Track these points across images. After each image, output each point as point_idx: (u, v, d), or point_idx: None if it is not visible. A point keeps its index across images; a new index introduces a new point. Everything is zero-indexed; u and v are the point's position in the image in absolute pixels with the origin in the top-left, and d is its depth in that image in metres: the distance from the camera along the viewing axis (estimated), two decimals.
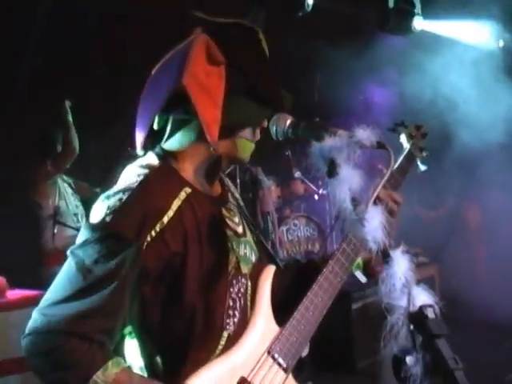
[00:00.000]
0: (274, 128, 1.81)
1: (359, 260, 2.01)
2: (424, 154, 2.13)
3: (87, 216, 1.66)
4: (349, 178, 1.56)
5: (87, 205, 5.76)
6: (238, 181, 6.61)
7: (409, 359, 1.39)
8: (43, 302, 1.58)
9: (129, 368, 1.58)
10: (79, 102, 5.83)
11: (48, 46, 6.12)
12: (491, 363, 5.67)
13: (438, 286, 7.02)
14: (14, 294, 4.48)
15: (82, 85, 6.42)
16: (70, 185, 5.87)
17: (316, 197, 7.67)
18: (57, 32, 5.97)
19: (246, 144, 1.79)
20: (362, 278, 2.62)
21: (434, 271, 7.21)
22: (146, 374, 1.64)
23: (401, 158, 2.07)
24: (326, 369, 5.60)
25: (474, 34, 7.39)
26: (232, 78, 1.70)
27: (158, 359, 1.65)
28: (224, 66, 1.69)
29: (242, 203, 1.99)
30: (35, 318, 1.56)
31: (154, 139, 1.79)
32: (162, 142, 1.80)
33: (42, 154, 5.66)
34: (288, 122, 1.77)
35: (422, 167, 2.14)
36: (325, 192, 7.59)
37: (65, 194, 5.73)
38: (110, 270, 1.55)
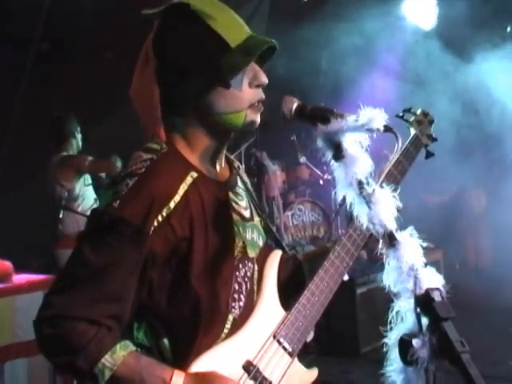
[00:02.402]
0: (280, 112, 1.79)
1: None
2: (431, 140, 2.13)
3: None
4: (355, 162, 1.55)
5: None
6: (243, 166, 6.61)
7: (415, 342, 1.39)
8: (52, 288, 1.59)
9: (136, 351, 1.59)
10: (83, 88, 5.84)
11: (53, 32, 6.11)
12: (495, 347, 5.69)
13: (443, 271, 7.03)
14: (19, 278, 4.50)
15: (87, 70, 6.42)
16: None
17: (321, 182, 7.68)
18: (61, 18, 5.97)
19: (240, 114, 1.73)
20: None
21: (439, 256, 7.21)
22: (153, 356, 1.64)
23: (408, 145, 2.07)
24: (331, 353, 5.63)
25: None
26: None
27: (166, 342, 1.66)
28: (154, 60, 1.69)
29: (250, 187, 1.98)
30: (44, 303, 1.57)
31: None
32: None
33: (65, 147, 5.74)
34: (294, 105, 1.76)
35: (429, 154, 2.14)
36: (330, 177, 7.59)
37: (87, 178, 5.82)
38: (116, 255, 1.56)
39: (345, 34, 7.09)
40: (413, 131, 2.11)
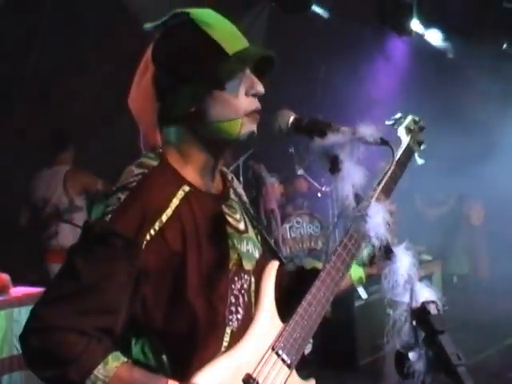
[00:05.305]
0: (277, 125, 1.80)
1: (362, 274, 2.02)
2: (422, 147, 2.13)
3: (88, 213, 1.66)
4: (351, 175, 1.56)
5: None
6: (241, 178, 6.62)
7: (412, 355, 1.39)
8: (40, 300, 1.57)
9: (127, 362, 1.56)
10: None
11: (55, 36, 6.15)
12: (492, 359, 5.68)
13: (440, 283, 7.02)
14: (17, 290, 4.49)
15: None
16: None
17: (319, 194, 7.67)
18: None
19: (233, 124, 1.72)
20: (364, 294, 2.60)
21: (437, 268, 7.21)
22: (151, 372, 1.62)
23: (399, 152, 2.06)
24: (328, 366, 5.62)
25: None
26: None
27: (164, 358, 1.64)
28: (152, 67, 1.71)
29: (245, 199, 1.98)
30: (32, 315, 1.55)
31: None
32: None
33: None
34: (291, 119, 1.76)
35: (420, 161, 2.14)
36: (328, 189, 7.59)
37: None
38: (108, 268, 1.55)
39: (342, 46, 7.13)
40: (403, 138, 2.09)
